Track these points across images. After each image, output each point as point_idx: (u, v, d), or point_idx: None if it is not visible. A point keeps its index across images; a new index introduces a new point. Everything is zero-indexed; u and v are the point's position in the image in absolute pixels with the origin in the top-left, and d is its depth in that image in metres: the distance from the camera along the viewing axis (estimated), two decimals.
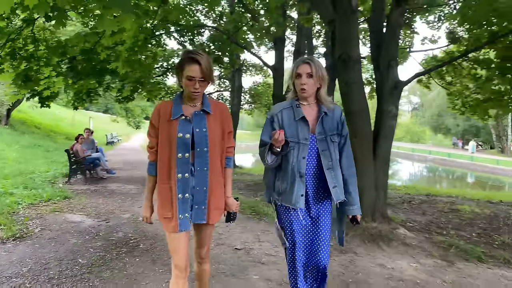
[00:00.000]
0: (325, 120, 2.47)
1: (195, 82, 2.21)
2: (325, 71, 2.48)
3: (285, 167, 2.47)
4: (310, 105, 2.52)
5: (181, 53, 1.75)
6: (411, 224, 6.39)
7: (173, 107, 2.31)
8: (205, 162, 2.28)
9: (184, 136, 2.25)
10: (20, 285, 3.38)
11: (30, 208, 6.35)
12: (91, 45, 5.42)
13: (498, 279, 4.15)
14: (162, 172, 2.30)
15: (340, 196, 2.46)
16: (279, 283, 3.64)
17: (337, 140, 2.49)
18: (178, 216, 2.24)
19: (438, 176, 30.26)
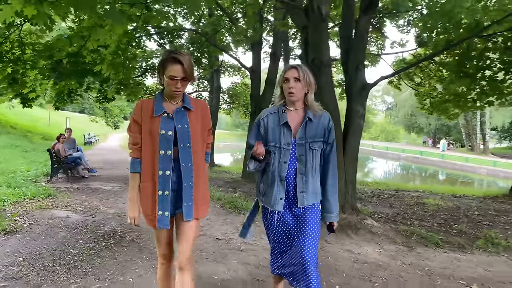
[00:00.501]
0: (308, 126, 2.49)
1: (177, 82, 2.25)
2: (313, 77, 2.53)
3: (267, 171, 2.53)
4: (297, 110, 2.55)
5: (163, 52, 1.76)
6: (379, 216, 6.90)
7: (155, 104, 2.34)
8: (189, 158, 2.32)
9: (167, 133, 2.28)
10: (18, 272, 3.67)
11: (15, 205, 6.55)
12: (77, 48, 5.68)
13: (452, 261, 4.66)
14: (145, 170, 2.33)
15: (304, 202, 2.47)
16: (256, 267, 4.05)
17: (317, 147, 2.50)
18: (158, 213, 2.28)
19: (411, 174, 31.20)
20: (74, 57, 5.74)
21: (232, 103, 19.79)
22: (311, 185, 2.49)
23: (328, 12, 5.84)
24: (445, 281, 3.96)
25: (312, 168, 2.49)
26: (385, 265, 4.35)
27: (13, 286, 3.36)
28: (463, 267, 4.47)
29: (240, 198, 7.82)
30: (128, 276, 3.68)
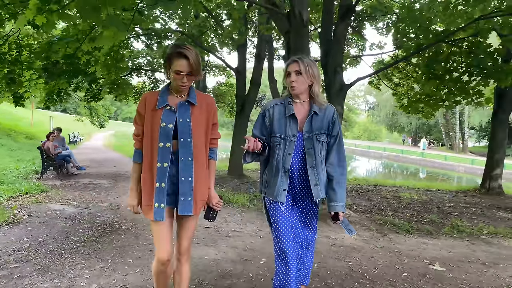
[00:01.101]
0: (314, 120, 2.50)
1: (183, 77, 2.26)
2: (316, 69, 2.51)
3: (271, 162, 2.55)
4: (303, 103, 2.55)
5: (169, 47, 1.86)
6: (356, 207, 7.40)
7: (159, 97, 2.35)
8: (189, 152, 2.32)
9: (167, 125, 2.29)
10: (26, 256, 4.02)
11: (11, 200, 6.83)
12: (72, 50, 6.02)
13: (419, 245, 5.17)
14: (145, 161, 2.35)
15: (319, 194, 2.50)
16: (243, 249, 4.48)
17: (324, 139, 2.52)
18: (154, 205, 2.29)
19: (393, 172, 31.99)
20: (70, 58, 6.07)
21: (218, 102, 20.15)
22: (322, 178, 2.51)
23: (308, 18, 6.29)
24: (411, 260, 4.46)
25: (321, 160, 2.51)
26: (359, 248, 4.83)
27: (24, 267, 3.72)
28: (429, 249, 4.98)
29: (227, 192, 8.24)
30: (127, 258, 4.07)
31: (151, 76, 17.78)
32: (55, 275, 3.54)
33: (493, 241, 5.60)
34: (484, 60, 6.52)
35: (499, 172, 10.56)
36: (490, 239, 5.69)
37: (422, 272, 4.09)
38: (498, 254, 4.98)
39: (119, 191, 8.27)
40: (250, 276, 3.70)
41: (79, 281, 3.42)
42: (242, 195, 7.82)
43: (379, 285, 3.65)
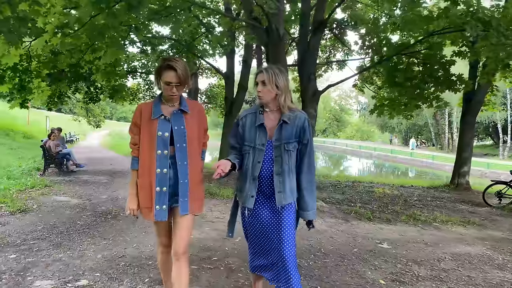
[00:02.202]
0: (283, 128, 2.54)
1: (172, 87, 2.41)
2: (284, 80, 2.55)
3: (242, 169, 2.62)
4: (273, 111, 2.60)
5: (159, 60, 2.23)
6: (329, 200, 8.27)
7: (153, 107, 2.50)
8: (185, 157, 2.47)
9: (164, 134, 2.44)
10: (41, 235, 4.83)
11: (20, 193, 7.61)
12: (76, 60, 6.81)
13: (376, 229, 6.04)
14: (143, 167, 2.50)
15: (282, 201, 2.52)
16: (223, 231, 5.31)
17: (292, 148, 2.55)
18: (155, 207, 2.43)
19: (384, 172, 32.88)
20: (75, 67, 6.86)
21: (210, 103, 20.98)
22: (288, 185, 2.54)
23: (284, 32, 7.12)
24: (364, 240, 5.32)
25: (288, 168, 2.55)
26: (322, 231, 5.68)
27: (40, 243, 4.53)
28: (383, 233, 5.85)
29: (214, 187, 9.07)
30: (126, 237, 4.90)
31: (145, 78, 18.58)
32: (67, 249, 4.36)
33: (442, 228, 6.47)
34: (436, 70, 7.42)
35: (467, 169, 11.48)
36: (440, 226, 6.57)
37: (370, 248, 4.95)
38: (442, 237, 5.86)
39: (116, 186, 9.07)
40: (226, 249, 4.54)
41: (87, 253, 4.24)
42: (228, 189, 8.65)
43: (330, 257, 4.50)
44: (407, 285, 3.79)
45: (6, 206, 6.25)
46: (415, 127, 57.14)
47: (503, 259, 4.87)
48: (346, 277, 3.90)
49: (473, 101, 10.99)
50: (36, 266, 3.81)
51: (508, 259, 4.87)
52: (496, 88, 12.55)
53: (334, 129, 77.03)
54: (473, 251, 5.13)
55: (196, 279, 3.63)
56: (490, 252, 5.14)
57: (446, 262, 4.61)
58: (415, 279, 3.97)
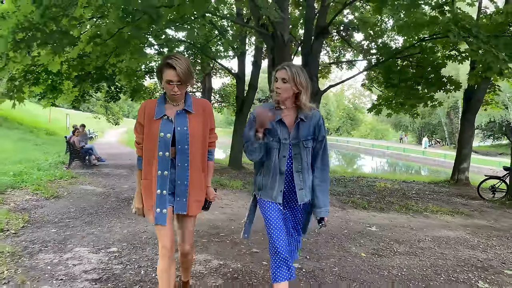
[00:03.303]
0: (301, 126, 2.54)
1: (174, 86, 2.35)
2: (305, 78, 2.53)
3: (267, 164, 2.60)
4: (288, 109, 2.59)
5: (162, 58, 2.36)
6: (331, 192, 8.93)
7: (157, 107, 2.45)
8: (186, 159, 2.44)
9: (166, 135, 2.40)
10: (74, 216, 5.63)
11: (50, 182, 8.46)
12: (101, 63, 7.61)
13: (368, 216, 6.70)
14: (145, 168, 2.49)
15: (304, 198, 2.58)
16: (231, 214, 6.06)
17: (310, 145, 2.58)
18: (156, 210, 2.43)
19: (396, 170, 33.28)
20: (100, 69, 7.66)
21: (223, 102, 21.77)
22: (308, 182, 2.59)
23: (289, 37, 7.81)
24: (355, 224, 5.99)
25: (307, 165, 2.59)
26: None
27: (74, 222, 5.32)
28: (374, 219, 6.51)
29: (226, 179, 9.81)
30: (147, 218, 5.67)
31: None
32: (97, 226, 5.15)
33: (431, 216, 7.09)
34: (428, 72, 8.03)
35: (466, 165, 12.00)
36: (429, 215, 7.18)
37: (359, 230, 5.62)
38: (428, 223, 6.48)
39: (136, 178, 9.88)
40: (232, 228, 5.28)
41: (114, 229, 5.02)
42: (238, 181, 9.39)
43: (322, 236, 5.19)
44: (384, 258, 4.46)
45: (41, 192, 7.08)
46: (429, 126, 56.97)
47: (478, 241, 5.48)
48: (333, 251, 4.60)
49: (472, 100, 11.50)
50: (74, 237, 4.60)
51: (482, 241, 5.49)
52: (498, 87, 12.99)
53: (347, 127, 77.10)
54: (452, 235, 5.75)
55: (206, 249, 4.37)
56: (468, 236, 5.75)
57: (425, 242, 5.26)
58: (393, 254, 4.64)
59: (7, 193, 6.86)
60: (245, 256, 4.25)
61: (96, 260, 3.90)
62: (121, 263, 3.85)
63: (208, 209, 2.71)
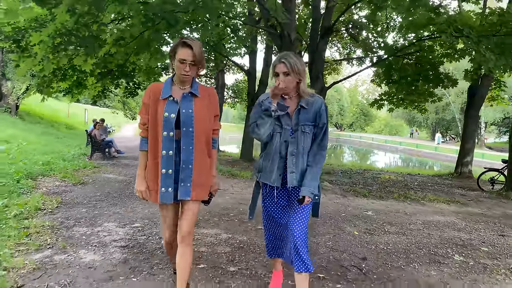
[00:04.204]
0: (301, 113, 2.58)
1: (186, 65, 2.35)
2: (302, 65, 2.56)
3: (269, 148, 2.65)
4: (291, 98, 2.63)
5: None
6: (335, 182, 9.50)
7: (164, 88, 2.46)
8: (191, 141, 2.42)
9: (170, 115, 2.38)
10: (99, 198, 6.32)
11: (75, 171, 9.20)
12: (122, 61, 8.27)
13: (367, 203, 7.25)
14: (151, 149, 2.47)
15: (293, 182, 2.58)
16: (240, 199, 6.69)
17: (308, 131, 2.59)
18: (161, 189, 2.42)
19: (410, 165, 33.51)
20: (121, 67, 8.33)
21: (236, 97, 22.41)
22: (300, 166, 2.60)
23: (295, 37, 8.36)
24: (353, 209, 6.56)
25: (303, 150, 2.60)
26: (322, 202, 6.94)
27: (101, 203, 6.01)
28: (372, 205, 7.06)
29: (237, 170, 10.45)
30: None
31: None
32: (121, 206, 5.83)
33: (427, 204, 7.61)
34: (427, 70, 8.51)
35: (469, 159, 12.41)
36: (426, 203, 7.70)
37: (356, 214, 6.19)
38: (422, 210, 7.01)
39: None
40: (241, 210, 5.91)
41: (137, 209, 5.69)
42: (248, 172, 10.01)
43: (321, 218, 5.77)
44: (375, 236, 5.03)
45: (69, 179, 7.80)
46: (443, 121, 56.73)
47: (465, 225, 6.01)
48: (329, 230, 5.19)
49: (476, 96, 11.89)
50: (102, 215, 5.28)
51: (470, 225, 6.01)
52: (503, 84, 13.32)
53: (361, 123, 77.02)
54: (443, 220, 6.28)
55: (217, 225, 5.01)
56: (458, 220, 6.27)
57: (415, 225, 5.81)
58: (383, 233, 5.21)
59: (39, 179, 7.60)
60: (250, 231, 4.87)
61: (123, 232, 4.56)
62: (144, 235, 4.51)
63: (208, 204, 2.69)
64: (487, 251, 4.67)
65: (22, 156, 9.73)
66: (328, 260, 4.01)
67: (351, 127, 76.87)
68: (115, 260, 3.68)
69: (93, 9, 4.93)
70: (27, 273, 3.26)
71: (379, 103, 11.11)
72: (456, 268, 4.01)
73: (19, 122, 21.00)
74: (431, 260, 4.21)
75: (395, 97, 10.27)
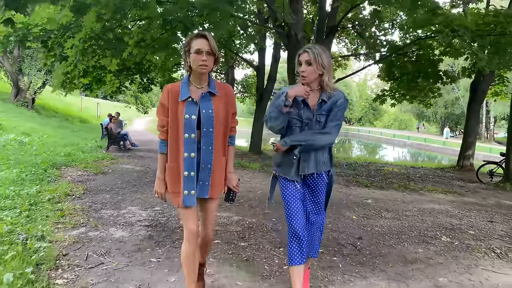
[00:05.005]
0: (322, 107, 2.58)
1: (203, 54, 2.33)
2: (327, 58, 2.54)
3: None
4: (313, 91, 2.59)
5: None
6: (340, 174, 9.99)
7: (181, 89, 2.42)
8: (210, 142, 2.43)
9: (191, 117, 2.37)
10: (121, 186, 6.90)
11: (95, 162, 9.82)
12: (139, 59, 8.82)
13: (367, 192, 7.75)
14: (171, 151, 2.46)
15: (305, 170, 2.62)
16: (249, 187, 7.23)
17: (323, 120, 2.58)
18: (183, 192, 2.41)
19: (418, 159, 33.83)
20: (139, 65, 8.90)
21: (245, 92, 22.95)
22: (313, 155, 2.61)
23: (302, 36, 8.83)
24: (354, 198, 7.07)
25: None
26: None
27: (123, 190, 6.60)
28: (373, 194, 7.56)
29: (246, 162, 10.99)
30: None
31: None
32: (142, 193, 6.40)
33: (425, 194, 8.07)
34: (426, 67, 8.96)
35: (471, 152, 12.82)
36: (424, 193, 8.16)
37: (356, 202, 6.70)
38: (420, 199, 7.49)
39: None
40: (250, 197, 6.46)
41: None
42: (256, 164, 10.56)
43: None
44: (371, 220, 5.55)
45: (90, 169, 8.42)
46: (452, 116, 56.66)
47: (458, 212, 6.48)
48: (330, 214, 5.69)
49: (478, 91, 12.27)
50: (125, 200, 5.87)
51: (462, 212, 6.47)
52: (506, 79, 13.68)
53: (370, 117, 77.05)
54: (437, 207, 6.76)
55: (229, 210, 5.55)
56: (451, 208, 6.74)
57: (410, 211, 6.30)
58: (379, 218, 5.72)
59: (63, 169, 8.22)
60: (259, 215, 5.41)
61: (146, 214, 5.14)
62: (164, 216, 5.08)
63: (233, 201, 2.71)
64: (473, 234, 5.15)
65: (44, 148, 10.38)
66: (327, 239, 4.54)
67: (360, 121, 76.96)
68: (141, 236, 4.25)
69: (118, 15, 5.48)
70: (68, 245, 3.84)
71: (381, 98, 11.59)
72: (441, 247, 4.52)
73: (36, 116, 21.76)
74: (420, 240, 4.72)
75: (397, 93, 10.74)
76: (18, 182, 6.14)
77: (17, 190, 5.51)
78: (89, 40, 5.79)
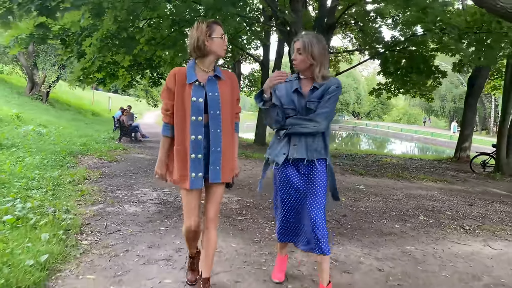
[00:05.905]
0: (314, 93, 2.59)
1: (226, 39, 2.47)
2: (320, 49, 2.53)
3: (284, 129, 2.67)
4: (307, 79, 2.63)
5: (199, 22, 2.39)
6: (338, 164, 10.57)
7: (188, 72, 2.44)
8: (218, 124, 2.44)
9: (198, 100, 2.39)
10: (133, 172, 7.56)
11: (108, 152, 10.51)
12: (150, 55, 9.45)
13: (361, 180, 8.31)
14: (178, 135, 2.45)
15: (294, 154, 2.61)
16: (250, 173, 7.84)
17: (313, 107, 2.58)
18: (191, 175, 2.40)
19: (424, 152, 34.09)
20: (149, 60, 9.53)
21: (252, 86, 23.56)
22: (303, 141, 2.61)
23: None
24: (347, 184, 7.64)
25: None
26: None
27: (135, 175, 7.25)
28: (366, 181, 8.12)
29: (250, 152, 11.61)
30: None
31: None
32: (152, 177, 7.05)
33: (415, 181, 8.61)
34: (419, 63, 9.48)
35: (467, 145, 13.30)
36: (415, 181, 8.70)
37: (348, 187, 7.28)
38: (410, 186, 8.04)
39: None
40: (250, 182, 7.08)
41: None
42: (260, 154, 11.16)
43: None
44: (359, 202, 6.13)
45: (105, 158, 9.10)
46: (460, 110, 56.31)
47: (442, 197, 7.02)
48: None
49: (475, 86, 12.72)
50: (137, 183, 6.53)
51: (446, 197, 7.02)
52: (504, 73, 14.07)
53: (378, 112, 77.07)
54: (424, 193, 7.31)
55: (230, 192, 6.17)
56: (437, 194, 7.28)
57: (397, 196, 6.87)
58: (367, 200, 6.30)
59: (79, 157, 8.92)
60: (256, 196, 6.04)
61: (156, 194, 5.79)
62: (172, 196, 5.72)
63: (231, 187, 2.67)
64: (450, 214, 5.72)
65: (61, 138, 11.11)
66: None
67: (368, 115, 77.04)
68: (151, 211, 4.90)
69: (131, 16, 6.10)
70: (89, 217, 4.49)
71: (377, 92, 12.14)
72: (417, 224, 5.10)
73: (51, 109, 22.61)
74: (399, 219, 5.30)
75: (392, 86, 11.28)
76: (41, 167, 6.83)
77: (41, 173, 6.20)
78: (105, 39, 6.43)
